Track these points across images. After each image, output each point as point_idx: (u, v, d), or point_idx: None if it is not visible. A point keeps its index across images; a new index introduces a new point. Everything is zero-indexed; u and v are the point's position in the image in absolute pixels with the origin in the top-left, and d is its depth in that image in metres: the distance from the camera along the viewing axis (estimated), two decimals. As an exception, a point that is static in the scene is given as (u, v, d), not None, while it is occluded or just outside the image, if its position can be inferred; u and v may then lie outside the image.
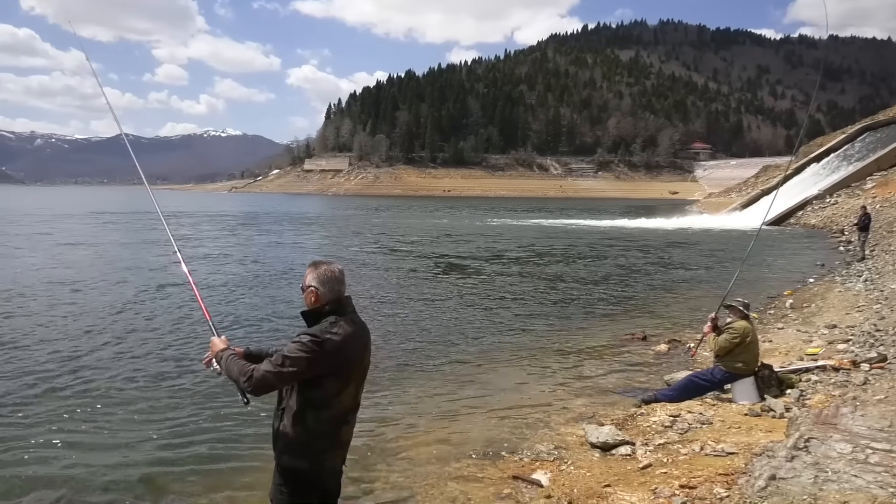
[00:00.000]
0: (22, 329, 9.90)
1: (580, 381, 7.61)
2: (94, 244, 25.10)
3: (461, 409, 6.55)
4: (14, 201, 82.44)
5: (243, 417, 5.90)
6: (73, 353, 8.53)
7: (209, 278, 16.04)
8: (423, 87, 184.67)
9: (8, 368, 7.74)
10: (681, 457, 4.82)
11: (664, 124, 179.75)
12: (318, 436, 2.67)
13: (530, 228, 38.74)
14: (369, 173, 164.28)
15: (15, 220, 39.52)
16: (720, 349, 6.29)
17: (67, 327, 10.15)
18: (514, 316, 11.80)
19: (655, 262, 20.74)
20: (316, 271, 2.76)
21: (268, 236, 31.36)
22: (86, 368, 7.84)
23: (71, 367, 7.84)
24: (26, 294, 13.04)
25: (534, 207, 73.69)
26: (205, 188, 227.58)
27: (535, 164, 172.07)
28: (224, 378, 2.78)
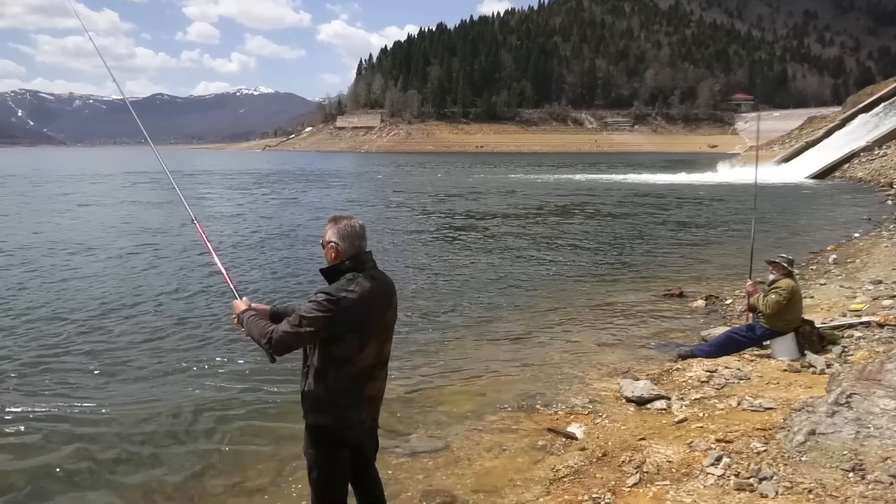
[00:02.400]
0: (45, 291, 9.96)
1: (615, 336, 7.59)
2: (121, 204, 25.36)
3: (496, 364, 6.60)
4: (56, 162, 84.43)
5: (273, 376, 5.95)
6: (95, 316, 8.47)
7: (233, 238, 16.06)
8: (455, 40, 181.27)
9: (27, 333, 7.73)
10: (717, 411, 4.79)
11: (704, 75, 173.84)
12: (342, 393, 2.68)
13: (564, 184, 38.23)
14: (401, 130, 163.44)
15: (54, 181, 40.60)
16: (769, 309, 6.07)
17: (91, 291, 10.03)
18: (547, 272, 11.77)
19: (692, 217, 20.36)
20: (336, 226, 2.71)
21: (296, 194, 31.51)
22: (107, 331, 7.82)
23: (93, 331, 7.82)
24: (52, 256, 13.14)
25: (568, 163, 72.59)
26: (238, 147, 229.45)
27: (570, 119, 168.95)
28: None
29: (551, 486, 4.01)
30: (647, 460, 4.03)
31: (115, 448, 4.76)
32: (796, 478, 3.43)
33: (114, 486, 4.26)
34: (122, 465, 4.52)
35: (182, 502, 4.05)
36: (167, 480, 4.29)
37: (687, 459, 3.95)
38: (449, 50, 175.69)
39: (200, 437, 4.98)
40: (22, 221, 19.14)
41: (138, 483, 4.29)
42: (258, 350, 2.72)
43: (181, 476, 4.34)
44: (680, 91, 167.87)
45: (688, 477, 3.72)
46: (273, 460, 4.55)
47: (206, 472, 4.40)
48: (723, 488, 3.51)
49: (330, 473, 2.80)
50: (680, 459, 3.97)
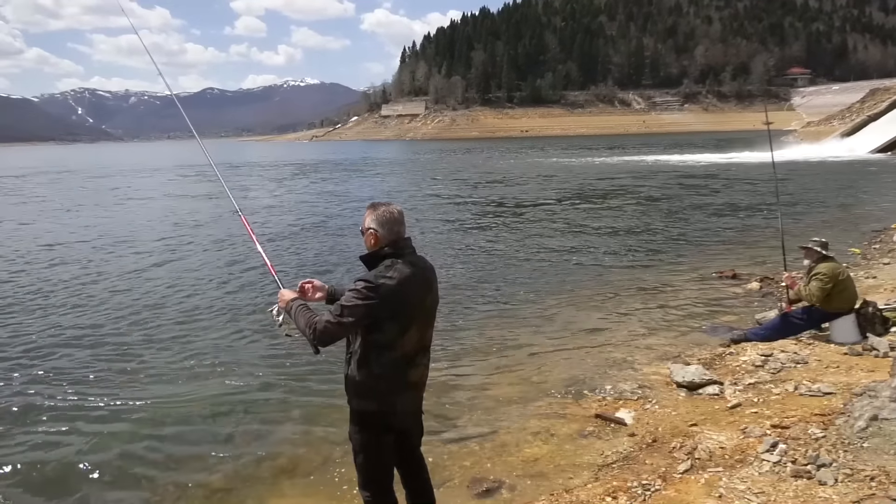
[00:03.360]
0: (88, 282, 10.34)
1: (665, 320, 7.44)
2: (169, 198, 26.13)
3: (542, 349, 6.56)
4: (111, 158, 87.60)
5: (317, 362, 6.00)
6: (140, 307, 8.64)
7: (277, 228, 16.33)
8: (498, 24, 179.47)
9: (70, 322, 7.98)
10: (773, 397, 4.65)
11: (758, 50, 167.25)
12: (383, 378, 2.69)
13: (610, 166, 37.55)
14: (446, 116, 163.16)
15: (107, 176, 42.13)
16: (815, 298, 5.85)
17: (137, 282, 10.37)
18: (595, 254, 11.62)
19: (745, 196, 19.71)
20: (375, 213, 2.72)
21: (340, 183, 31.88)
22: (152, 322, 7.97)
23: (138, 321, 7.99)
24: (97, 249, 13.59)
25: (615, 145, 71.29)
26: (286, 138, 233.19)
27: (617, 100, 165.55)
28: (293, 328, 2.76)
29: (600, 472, 3.96)
30: (699, 446, 3.94)
31: (167, 433, 4.92)
32: (857, 465, 3.30)
33: (167, 469, 4.40)
34: (175, 450, 4.67)
35: (234, 484, 4.16)
36: (218, 465, 4.41)
37: (741, 446, 3.85)
38: (492, 34, 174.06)
39: (249, 423, 5.10)
40: (74, 215, 19.99)
41: (189, 467, 4.42)
42: (302, 339, 2.74)
43: (231, 461, 4.47)
44: (732, 67, 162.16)
45: (741, 464, 3.62)
46: (322, 444, 4.63)
47: (255, 458, 4.50)
48: (779, 475, 3.40)
49: (375, 458, 2.83)
50: (733, 446, 3.87)
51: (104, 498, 4.09)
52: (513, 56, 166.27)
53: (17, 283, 10.43)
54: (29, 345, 7.11)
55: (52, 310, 8.63)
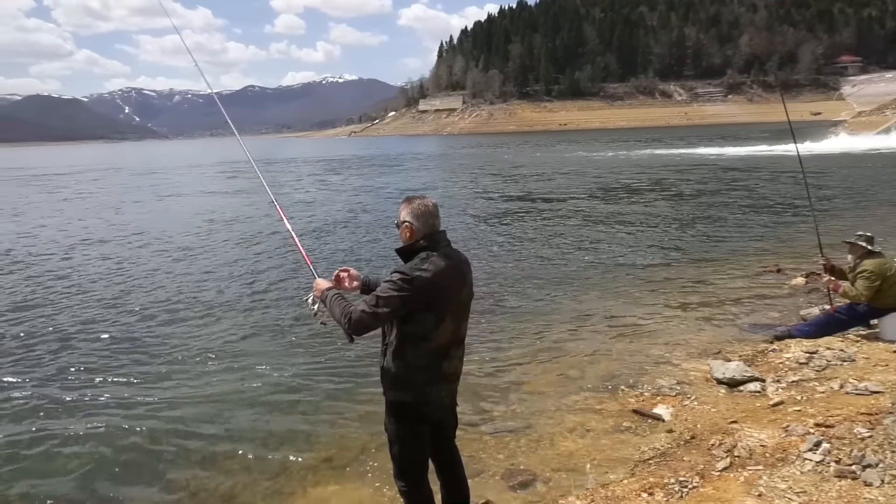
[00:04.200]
0: (123, 274, 10.69)
1: (706, 315, 7.30)
2: (209, 193, 26.68)
3: (579, 344, 6.51)
4: (156, 155, 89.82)
5: (353, 353, 6.10)
6: (174, 300, 8.80)
7: (313, 221, 16.60)
8: (536, 16, 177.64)
9: (105, 314, 8.20)
10: (817, 395, 4.53)
11: (805, 38, 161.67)
12: (419, 370, 2.72)
13: (650, 159, 36.91)
14: (483, 111, 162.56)
15: (151, 173, 43.25)
16: (863, 297, 5.65)
17: (170, 272, 10.68)
18: (634, 248, 11.46)
19: (791, 190, 19.12)
20: (410, 206, 2.74)
21: (376, 177, 32.20)
22: (188, 313, 8.14)
23: (173, 313, 8.15)
24: (135, 242, 14.06)
25: (656, 137, 70.00)
26: (325, 134, 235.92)
27: (657, 91, 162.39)
28: (328, 316, 2.80)
29: (636, 467, 3.93)
30: (739, 444, 3.87)
31: (203, 424, 5.02)
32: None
33: (205, 459, 4.50)
34: (212, 440, 4.77)
35: (271, 475, 4.24)
36: (255, 455, 4.50)
37: (782, 444, 3.76)
38: (530, 27, 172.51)
39: (285, 414, 5.18)
40: (116, 211, 20.55)
41: (226, 456, 4.51)
42: (337, 330, 2.78)
43: (268, 451, 4.55)
44: (778, 56, 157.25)
45: (783, 462, 3.54)
46: (358, 435, 4.69)
47: (291, 448, 4.58)
48: (822, 475, 3.32)
49: (410, 448, 2.86)
50: (774, 444, 3.79)
51: (136, 489, 4.18)
52: (551, 49, 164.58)
53: (57, 275, 10.76)
54: (66, 336, 7.34)
55: (89, 302, 8.89)
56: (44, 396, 5.60)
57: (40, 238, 15.06)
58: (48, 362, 6.50)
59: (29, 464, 4.47)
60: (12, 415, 5.27)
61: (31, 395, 5.65)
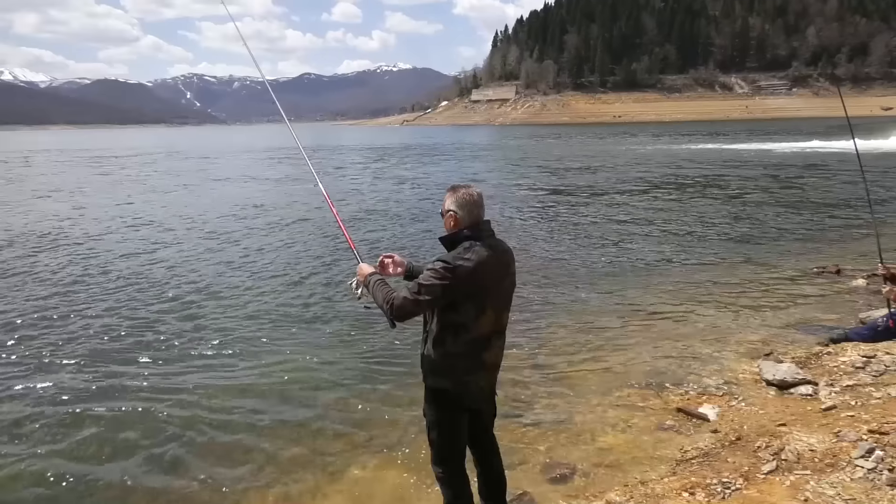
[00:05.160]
0: (169, 259, 10.79)
1: (758, 314, 7.09)
2: (261, 178, 27.19)
3: (623, 338, 6.43)
4: (215, 140, 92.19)
5: (393, 340, 6.17)
6: (220, 287, 8.85)
7: (360, 207, 16.80)
8: (594, 5, 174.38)
9: (153, 298, 8.30)
10: (873, 400, 4.36)
11: (879, 28, 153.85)
12: (458, 357, 2.74)
13: (708, 153, 35.83)
14: (536, 101, 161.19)
15: (211, 156, 44.42)
16: None
17: (219, 262, 10.62)
18: (685, 244, 11.23)
19: (852, 188, 18.27)
20: (455, 195, 2.75)
21: (425, 166, 32.28)
22: (232, 300, 8.20)
23: (216, 300, 8.21)
24: (194, 223, 14.42)
25: (714, 131, 67.95)
26: (378, 122, 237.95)
27: (717, 84, 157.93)
28: (371, 300, 2.85)
29: (678, 466, 3.87)
30: (787, 447, 3.76)
31: (248, 405, 5.15)
32: (964, 478, 3.05)
33: (249, 439, 4.64)
34: (256, 421, 4.90)
35: (312, 457, 4.33)
36: (295, 437, 4.60)
37: (832, 449, 3.64)
38: (587, 16, 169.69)
39: (326, 397, 5.26)
40: (171, 194, 21.18)
41: (268, 437, 4.62)
42: (379, 316, 2.83)
43: (309, 434, 4.65)
44: (848, 48, 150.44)
45: (832, 468, 3.43)
46: (397, 420, 4.75)
47: (332, 431, 4.66)
48: (873, 483, 3.20)
49: (448, 434, 2.89)
50: (824, 449, 3.67)
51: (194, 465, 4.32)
52: (607, 39, 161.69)
53: (93, 257, 10.97)
54: (101, 316, 7.56)
55: (125, 286, 8.97)
56: (73, 377, 5.74)
57: (85, 218, 15.47)
58: (82, 342, 6.66)
59: (61, 445, 4.55)
60: (38, 398, 5.33)
61: (59, 376, 5.76)
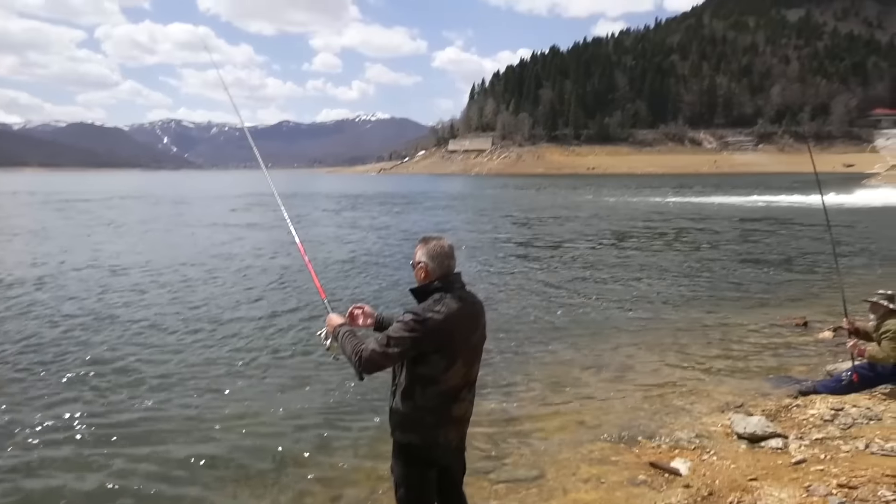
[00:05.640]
0: (143, 300, 10.67)
1: (728, 367, 7.14)
2: (233, 223, 27.04)
3: (597, 391, 6.40)
4: (189, 184, 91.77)
5: (365, 392, 6.05)
6: (185, 332, 8.74)
7: (332, 256, 16.55)
8: (568, 62, 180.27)
9: (114, 342, 8.12)
10: (841, 454, 4.39)
11: (839, 90, 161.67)
12: (427, 412, 2.70)
13: (677, 206, 36.65)
14: (512, 152, 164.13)
15: (184, 201, 44.17)
16: (892, 359, 5.46)
17: (181, 303, 10.55)
18: (656, 295, 11.31)
19: (819, 242, 18.75)
20: (426, 246, 2.76)
21: (398, 215, 32.21)
22: (200, 347, 8.05)
23: (184, 346, 8.04)
24: (161, 269, 14.06)
25: (684, 184, 69.65)
26: (355, 170, 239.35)
27: (687, 139, 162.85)
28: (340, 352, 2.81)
29: (650, 522, 3.82)
30: (758, 503, 3.76)
31: (211, 456, 5.00)
32: (932, 535, 3.06)
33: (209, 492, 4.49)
34: (216, 474, 4.75)
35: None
36: (260, 492, 4.46)
37: (803, 504, 3.64)
38: (561, 73, 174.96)
39: (295, 452, 5.12)
40: (135, 238, 20.92)
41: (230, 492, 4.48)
42: (348, 368, 2.79)
43: (274, 488, 4.51)
44: (810, 107, 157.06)
45: (803, 524, 3.42)
46: (366, 476, 4.64)
47: (298, 488, 4.53)
48: (843, 539, 3.20)
49: (416, 491, 2.82)
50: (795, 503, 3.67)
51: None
52: (581, 94, 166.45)
53: (46, 302, 10.68)
54: (57, 360, 7.39)
55: (90, 333, 8.81)
56: (10, 425, 5.57)
57: (41, 263, 14.97)
58: (40, 383, 6.54)
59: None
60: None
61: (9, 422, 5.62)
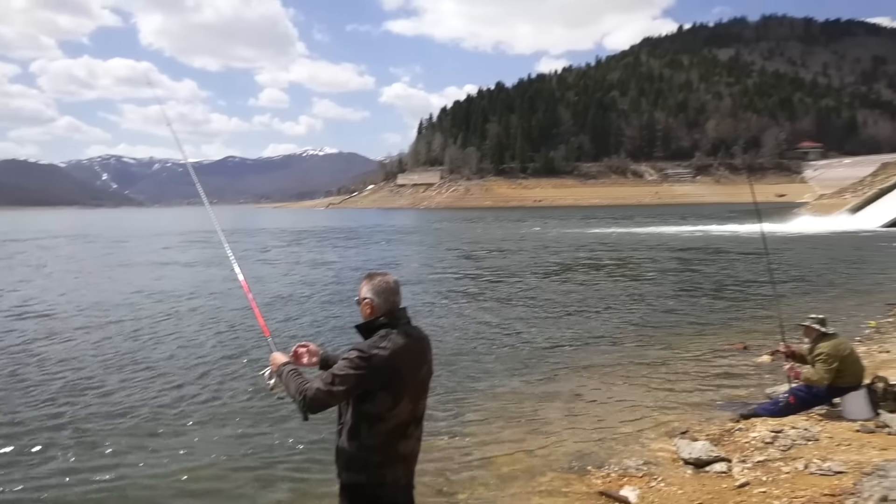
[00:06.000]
0: (67, 348, 10.14)
1: (673, 394, 7.30)
2: (174, 261, 26.12)
3: (548, 422, 6.44)
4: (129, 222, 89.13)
5: (312, 433, 5.92)
6: (126, 372, 8.55)
7: (277, 293, 16.18)
8: (513, 98, 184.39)
9: (52, 387, 7.89)
10: (782, 475, 4.51)
11: (768, 124, 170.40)
12: (374, 450, 2.65)
13: (621, 236, 37.68)
14: (460, 186, 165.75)
15: (123, 240, 42.85)
16: (825, 380, 5.71)
17: (122, 346, 10.26)
18: (601, 326, 11.50)
19: (758, 269, 19.57)
20: (371, 282, 2.75)
21: (345, 250, 31.78)
22: (141, 387, 7.87)
23: (124, 386, 7.86)
24: (89, 313, 13.46)
25: (627, 215, 71.70)
26: (303, 205, 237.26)
27: (629, 171, 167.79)
28: (284, 392, 2.73)
29: (601, 552, 3.83)
30: (704, 527, 3.82)
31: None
32: (867, 550, 3.17)
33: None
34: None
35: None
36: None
37: (747, 527, 3.72)
38: (507, 108, 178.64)
39: (236, 496, 4.98)
40: (72, 280, 20.13)
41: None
42: (293, 408, 2.72)
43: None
44: (743, 141, 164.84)
45: (747, 546, 3.49)
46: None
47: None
48: (785, 560, 3.27)
49: (364, 533, 2.75)
50: (739, 527, 3.74)
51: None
52: (526, 128, 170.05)
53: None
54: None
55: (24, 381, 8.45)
56: None
57: None
58: None
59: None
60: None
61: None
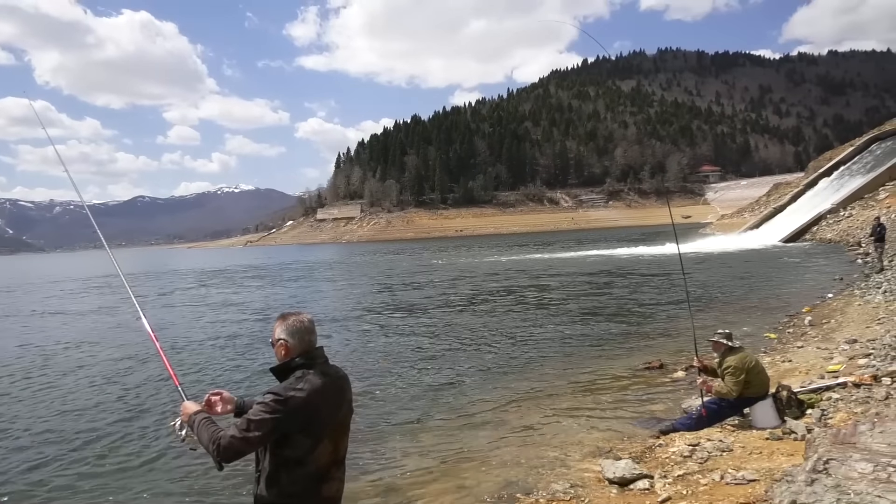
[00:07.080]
0: None
1: (596, 414, 7.45)
2: (74, 309, 24.38)
3: (473, 452, 6.41)
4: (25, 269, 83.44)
5: (222, 483, 5.70)
6: (9, 439, 7.82)
7: (187, 337, 15.41)
8: (430, 130, 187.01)
9: None
10: (700, 487, 4.67)
11: (671, 150, 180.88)
12: (296, 497, 2.55)
13: (539, 262, 38.51)
14: (381, 218, 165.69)
15: (19, 288, 40.04)
16: (734, 392, 6.02)
17: (21, 400, 9.71)
18: (524, 352, 11.62)
19: (669, 287, 20.48)
20: (284, 323, 2.67)
21: (260, 289, 30.57)
22: (33, 453, 7.25)
23: (6, 457, 7.19)
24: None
25: (545, 241, 73.59)
26: (219, 244, 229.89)
27: (546, 199, 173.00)
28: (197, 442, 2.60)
29: (532, 580, 3.81)
30: (631, 545, 3.88)
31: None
32: (780, 554, 3.30)
33: None
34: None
35: None
36: None
37: (670, 542, 3.81)
38: (424, 140, 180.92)
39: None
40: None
41: None
42: (206, 458, 2.58)
43: None
44: (649, 166, 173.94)
45: (671, 561, 3.57)
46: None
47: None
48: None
49: (288, 585, 2.62)
50: (663, 542, 3.83)
51: None
52: (445, 160, 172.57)
53: None
54: None
55: None
56: None
57: None
58: None
59: None
60: None
61: None
